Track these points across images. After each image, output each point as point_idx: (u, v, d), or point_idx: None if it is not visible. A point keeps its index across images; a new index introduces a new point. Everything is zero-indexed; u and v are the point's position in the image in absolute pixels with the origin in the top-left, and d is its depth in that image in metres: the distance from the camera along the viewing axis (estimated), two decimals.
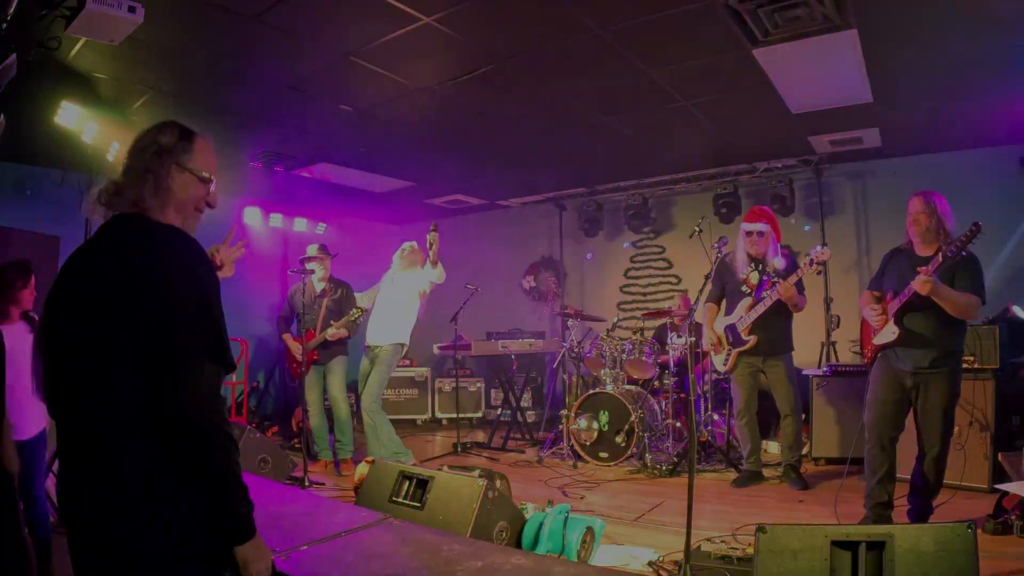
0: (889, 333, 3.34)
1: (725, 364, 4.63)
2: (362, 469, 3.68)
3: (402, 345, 5.12)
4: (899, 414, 3.37)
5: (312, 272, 5.37)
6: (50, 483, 3.05)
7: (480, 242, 8.54)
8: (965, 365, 4.26)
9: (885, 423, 3.36)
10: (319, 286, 5.39)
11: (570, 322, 6.03)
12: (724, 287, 4.66)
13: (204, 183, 1.43)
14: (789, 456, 4.43)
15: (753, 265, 4.48)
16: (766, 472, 4.68)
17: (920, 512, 3.28)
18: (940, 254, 3.09)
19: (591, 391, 5.44)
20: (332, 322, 5.16)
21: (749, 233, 4.44)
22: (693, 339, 3.13)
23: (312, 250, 5.41)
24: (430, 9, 3.39)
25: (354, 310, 5.09)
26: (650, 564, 2.99)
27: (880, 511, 3.34)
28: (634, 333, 5.96)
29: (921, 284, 3.07)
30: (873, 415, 3.40)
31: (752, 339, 4.42)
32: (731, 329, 4.55)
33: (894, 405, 3.35)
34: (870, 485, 3.38)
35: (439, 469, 3.31)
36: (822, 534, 1.98)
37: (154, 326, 1.17)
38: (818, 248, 4.14)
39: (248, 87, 4.40)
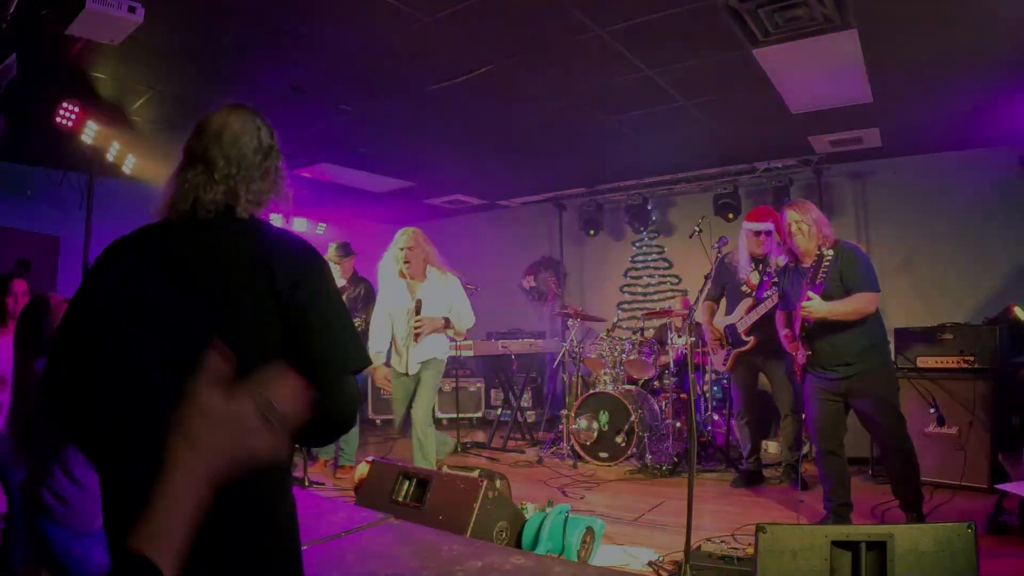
0: (802, 355, 3.39)
1: (724, 364, 4.63)
2: (362, 469, 3.68)
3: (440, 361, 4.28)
4: (837, 423, 3.39)
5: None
6: None
7: (480, 242, 8.54)
8: (965, 365, 4.28)
9: (826, 436, 3.38)
10: (339, 283, 5.29)
11: (570, 322, 6.03)
12: (724, 287, 4.65)
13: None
14: (789, 456, 4.43)
15: (754, 265, 4.48)
16: (766, 472, 4.68)
17: (910, 504, 3.26)
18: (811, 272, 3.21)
19: (591, 391, 5.44)
20: None
21: (757, 233, 4.40)
22: (693, 339, 3.14)
23: (330, 252, 5.33)
24: (430, 9, 3.39)
25: (359, 320, 4.93)
26: (650, 564, 2.99)
27: (841, 512, 3.35)
28: (634, 333, 5.97)
29: (807, 314, 3.18)
30: (814, 430, 3.43)
31: (752, 340, 4.42)
32: (731, 329, 4.54)
33: (831, 416, 3.37)
34: (826, 489, 3.41)
35: (439, 469, 3.31)
36: (822, 534, 1.98)
37: (317, 340, 1.18)
38: None
39: (248, 87, 4.39)
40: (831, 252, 3.22)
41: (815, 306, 3.14)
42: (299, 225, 8.18)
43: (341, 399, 1.20)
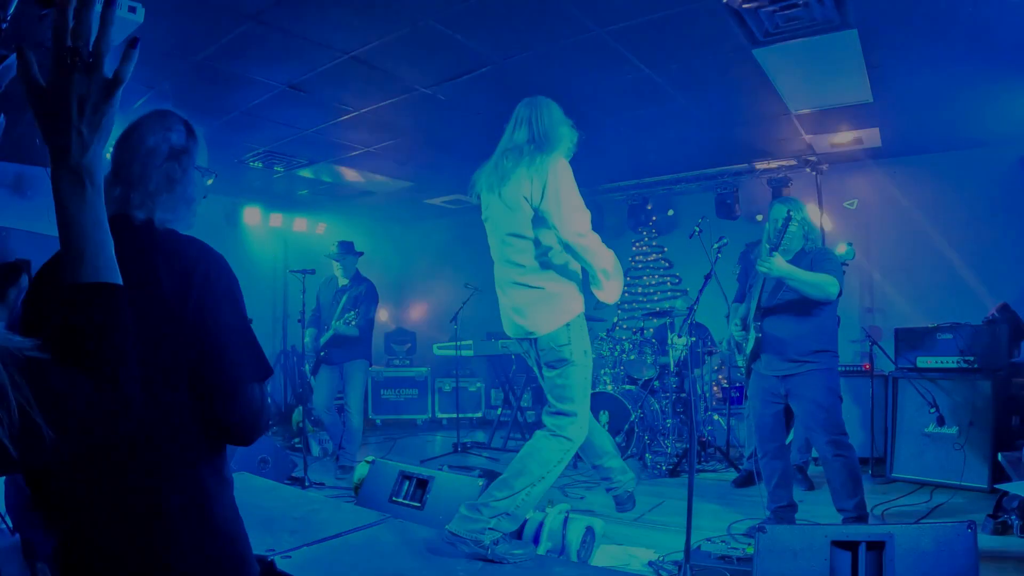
0: (751, 341, 3.36)
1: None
2: (362, 469, 3.68)
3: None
4: (778, 425, 3.34)
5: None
6: None
7: (480, 242, 8.52)
8: (965, 365, 4.28)
9: (765, 438, 3.34)
10: (341, 282, 5.29)
11: None
12: (750, 285, 4.61)
13: (206, 176, 1.36)
14: (798, 457, 4.40)
15: None
16: None
17: (854, 520, 3.13)
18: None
19: (591, 391, 5.43)
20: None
21: None
22: (693, 339, 3.13)
23: (332, 250, 5.30)
24: (430, 9, 3.39)
25: (348, 314, 4.93)
26: (650, 564, 2.99)
27: (782, 514, 3.32)
28: (634, 333, 5.96)
29: (767, 270, 3.08)
30: (756, 431, 3.40)
31: None
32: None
33: (771, 418, 3.32)
34: (768, 490, 3.37)
35: (439, 469, 3.31)
36: (822, 534, 1.98)
37: (209, 352, 1.15)
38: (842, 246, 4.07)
39: (248, 87, 4.39)
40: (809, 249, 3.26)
41: (776, 262, 3.04)
42: (299, 225, 8.19)
43: (238, 413, 1.18)
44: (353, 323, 4.90)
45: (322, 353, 5.09)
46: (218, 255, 1.21)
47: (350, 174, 6.71)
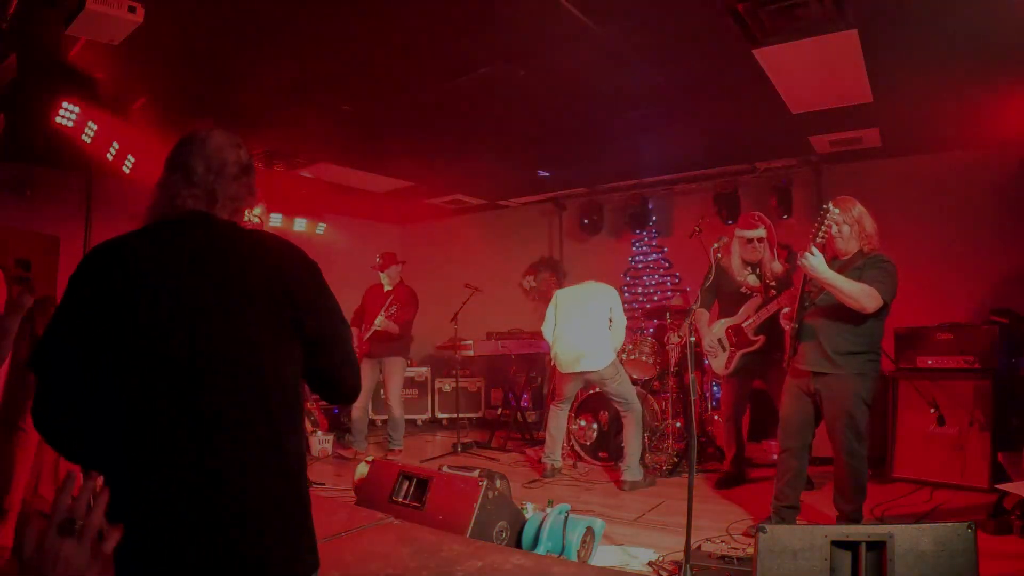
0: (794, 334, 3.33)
1: (727, 367, 4.56)
2: (362, 469, 3.68)
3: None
4: (804, 424, 3.30)
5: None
6: None
7: (480, 242, 8.54)
8: (965, 365, 4.28)
9: (788, 434, 3.32)
10: (386, 288, 5.80)
11: None
12: (717, 291, 4.57)
13: None
14: None
15: (750, 269, 4.44)
16: (764, 472, 4.67)
17: (848, 519, 3.14)
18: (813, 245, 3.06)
19: (591, 391, 5.44)
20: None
21: (749, 240, 4.33)
22: (693, 339, 3.13)
23: (377, 261, 5.85)
24: (430, 9, 3.39)
25: (391, 308, 5.53)
26: (650, 564, 2.99)
27: (784, 513, 3.31)
28: (634, 333, 5.96)
29: (804, 267, 3.01)
30: (780, 425, 3.39)
31: (760, 339, 4.36)
32: (736, 330, 4.49)
33: (798, 415, 3.29)
34: (778, 487, 3.34)
35: (439, 469, 3.31)
36: (822, 534, 1.98)
37: (322, 319, 1.37)
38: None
39: (248, 87, 4.40)
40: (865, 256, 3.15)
41: (813, 261, 2.98)
42: (299, 225, 8.18)
43: (353, 387, 1.48)
44: (393, 320, 5.50)
45: (368, 351, 5.63)
46: (315, 262, 1.46)
47: (350, 174, 6.71)
